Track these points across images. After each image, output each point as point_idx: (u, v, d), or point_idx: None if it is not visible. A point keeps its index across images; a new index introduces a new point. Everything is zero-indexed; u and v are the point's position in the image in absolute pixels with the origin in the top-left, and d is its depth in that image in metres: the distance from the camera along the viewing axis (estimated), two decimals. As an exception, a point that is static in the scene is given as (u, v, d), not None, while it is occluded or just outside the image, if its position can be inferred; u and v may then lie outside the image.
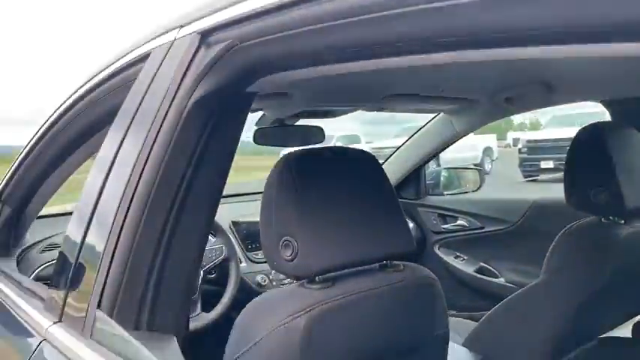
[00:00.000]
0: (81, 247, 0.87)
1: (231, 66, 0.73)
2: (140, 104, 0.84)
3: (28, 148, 1.34)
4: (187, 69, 0.76)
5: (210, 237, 1.61)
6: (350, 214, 0.87)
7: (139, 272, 0.78)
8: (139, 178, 0.78)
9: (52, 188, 1.46)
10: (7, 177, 1.45)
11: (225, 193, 0.91)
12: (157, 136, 0.77)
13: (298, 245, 0.81)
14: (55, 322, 0.90)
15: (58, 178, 1.41)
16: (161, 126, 0.77)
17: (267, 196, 0.85)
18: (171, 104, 0.77)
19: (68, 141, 1.25)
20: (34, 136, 1.31)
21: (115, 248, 0.78)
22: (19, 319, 1.06)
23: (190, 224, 0.81)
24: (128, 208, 0.78)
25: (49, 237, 1.69)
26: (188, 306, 1.17)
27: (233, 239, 1.87)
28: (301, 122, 1.61)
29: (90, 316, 0.81)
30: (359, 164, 0.94)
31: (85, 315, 0.82)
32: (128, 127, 0.85)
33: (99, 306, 0.79)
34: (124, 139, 0.85)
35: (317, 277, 0.83)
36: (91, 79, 1.09)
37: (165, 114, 0.77)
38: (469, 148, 19.15)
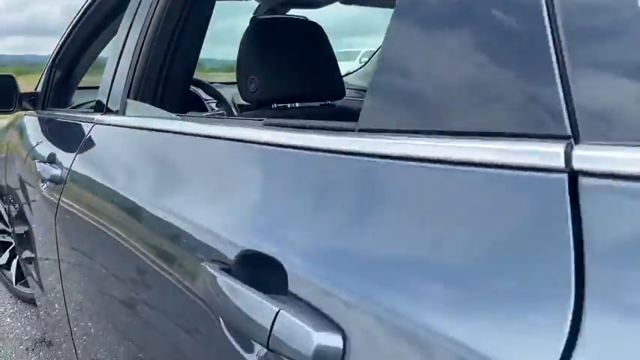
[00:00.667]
0: (117, 64, 1.27)
1: None
2: None
3: (72, 24, 1.79)
4: None
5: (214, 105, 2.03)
6: (299, 64, 1.25)
7: (154, 73, 1.21)
8: (149, 27, 1.19)
9: (89, 61, 2.00)
10: (58, 47, 1.92)
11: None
12: (156, 7, 1.17)
13: (259, 81, 1.19)
14: (101, 115, 1.30)
15: (94, 52, 1.93)
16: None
17: (240, 50, 1.23)
18: None
19: (99, 22, 1.73)
20: (76, 16, 1.76)
21: (137, 61, 1.19)
22: (75, 121, 1.50)
23: (185, 50, 1.26)
24: (144, 40, 1.19)
25: (88, 102, 2.06)
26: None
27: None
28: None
29: (123, 102, 1.20)
30: (309, 31, 1.31)
31: (120, 102, 1.20)
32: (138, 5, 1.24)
33: (128, 96, 1.19)
34: (136, 12, 1.24)
35: (273, 105, 1.21)
36: None
37: None
38: None
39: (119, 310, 1.03)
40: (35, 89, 2.06)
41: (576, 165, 0.38)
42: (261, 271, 0.60)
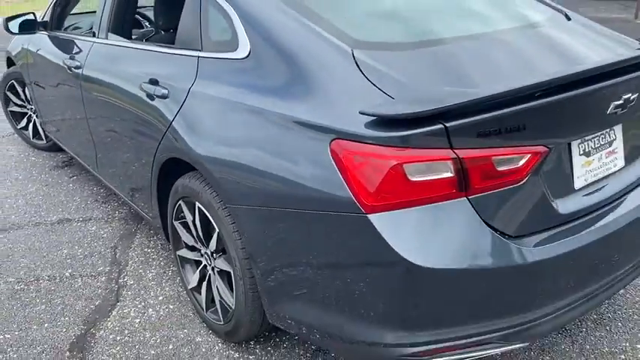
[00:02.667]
0: (102, 12, 2.86)
1: None
2: None
3: None
4: None
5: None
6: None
7: (120, 15, 2.80)
8: None
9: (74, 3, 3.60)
10: None
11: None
12: None
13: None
14: (96, 38, 2.93)
15: None
16: None
17: None
18: None
19: None
20: None
21: (112, 9, 2.79)
22: (80, 39, 3.11)
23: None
24: None
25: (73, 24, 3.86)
26: None
27: None
28: None
29: (107, 32, 2.83)
30: None
31: (105, 32, 2.83)
32: None
33: (109, 30, 2.84)
34: None
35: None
36: None
37: None
38: None
39: (104, 135, 2.74)
40: (42, 18, 3.57)
41: None
42: None
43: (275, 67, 1.70)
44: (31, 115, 4.30)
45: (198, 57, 2.02)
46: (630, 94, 1.61)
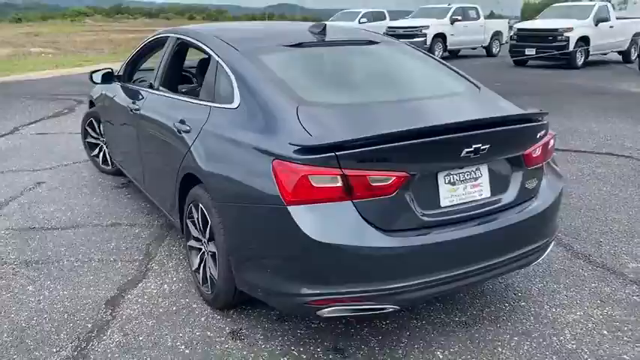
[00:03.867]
0: (157, 70, 3.95)
1: None
2: None
3: (136, 50, 4.63)
4: None
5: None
6: None
7: (169, 73, 3.91)
8: (166, 53, 3.89)
9: (139, 66, 4.86)
10: (128, 59, 4.70)
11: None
12: (169, 46, 3.86)
13: None
14: (151, 89, 3.96)
15: (141, 62, 4.83)
16: None
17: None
18: None
19: (145, 52, 4.66)
20: (140, 45, 4.62)
21: (162, 67, 3.89)
22: (140, 89, 4.20)
23: (178, 62, 4.05)
24: (164, 58, 3.89)
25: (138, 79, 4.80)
26: None
27: None
28: None
29: (158, 85, 3.94)
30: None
31: (157, 85, 3.88)
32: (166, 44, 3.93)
33: (160, 84, 3.90)
34: (165, 48, 3.93)
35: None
36: None
37: None
38: (479, 31, 21.71)
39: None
40: (118, 73, 4.72)
41: None
42: None
43: (251, 114, 2.62)
44: (102, 145, 5.45)
45: (210, 106, 2.98)
46: (480, 145, 2.40)
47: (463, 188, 2.51)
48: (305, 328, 2.85)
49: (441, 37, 20.88)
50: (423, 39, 20.44)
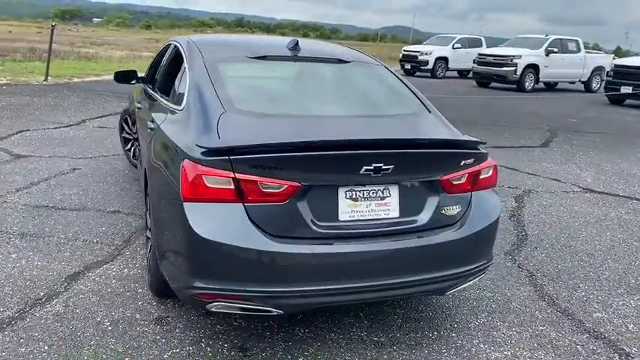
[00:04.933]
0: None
1: None
2: None
3: (154, 60, 4.80)
4: None
5: None
6: None
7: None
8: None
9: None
10: (150, 66, 4.94)
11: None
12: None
13: None
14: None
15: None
16: None
17: None
18: None
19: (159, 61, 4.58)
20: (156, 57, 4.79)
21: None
22: None
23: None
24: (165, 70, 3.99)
25: None
26: None
27: None
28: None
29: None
30: None
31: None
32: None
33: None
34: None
35: None
36: None
37: None
38: (577, 64, 20.80)
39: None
40: (144, 75, 5.14)
41: None
42: None
43: (187, 117, 2.83)
44: (134, 141, 5.92)
45: (169, 108, 3.22)
46: (382, 164, 2.43)
47: (367, 205, 2.54)
48: (225, 324, 2.98)
49: (533, 68, 20.18)
50: (512, 69, 19.93)
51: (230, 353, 2.74)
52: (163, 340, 2.81)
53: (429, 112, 3.15)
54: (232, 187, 2.36)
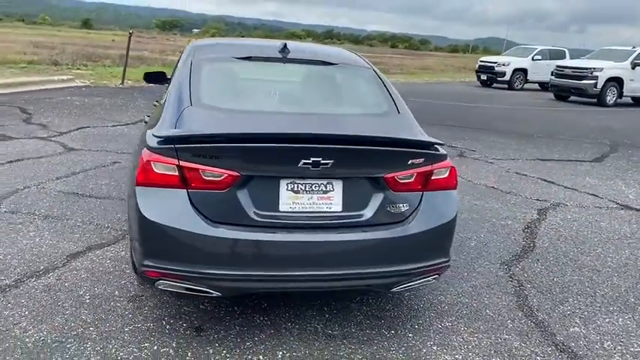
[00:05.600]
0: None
1: None
2: None
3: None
4: None
5: None
6: None
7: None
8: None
9: None
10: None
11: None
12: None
13: None
14: None
15: None
16: None
17: None
18: None
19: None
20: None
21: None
22: None
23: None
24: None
25: None
26: None
27: None
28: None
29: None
30: None
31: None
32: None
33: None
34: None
35: None
36: None
37: None
38: None
39: None
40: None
41: None
42: None
43: (162, 110, 3.05)
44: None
45: (158, 103, 3.48)
46: (321, 159, 2.52)
47: (309, 198, 2.64)
48: (192, 307, 3.17)
49: (616, 81, 19.06)
50: (592, 82, 18.96)
51: (185, 332, 2.92)
52: (130, 316, 3.04)
53: (399, 112, 3.18)
54: (177, 173, 2.55)
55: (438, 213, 2.84)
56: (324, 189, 2.65)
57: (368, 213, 2.70)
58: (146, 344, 2.78)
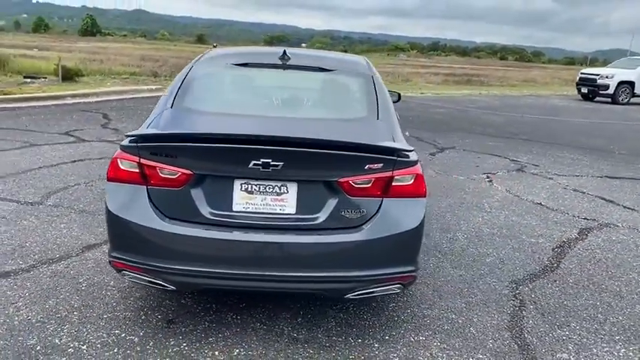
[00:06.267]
0: None
1: None
2: None
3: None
4: None
5: None
6: None
7: None
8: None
9: None
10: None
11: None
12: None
13: None
14: None
15: None
16: None
17: None
18: None
19: None
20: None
21: None
22: None
23: None
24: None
25: None
26: None
27: None
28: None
29: None
30: None
31: None
32: None
33: None
34: None
35: None
36: None
37: None
38: None
39: None
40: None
41: None
42: None
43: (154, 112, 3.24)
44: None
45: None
46: (270, 160, 2.57)
47: (262, 199, 2.68)
48: (174, 301, 3.32)
49: None
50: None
51: (157, 323, 3.06)
52: (114, 304, 3.25)
53: (378, 119, 3.13)
54: (138, 170, 2.70)
55: (398, 220, 2.76)
56: (277, 191, 2.69)
57: (322, 216, 2.69)
58: (116, 331, 2.96)
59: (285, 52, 3.62)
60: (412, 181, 2.78)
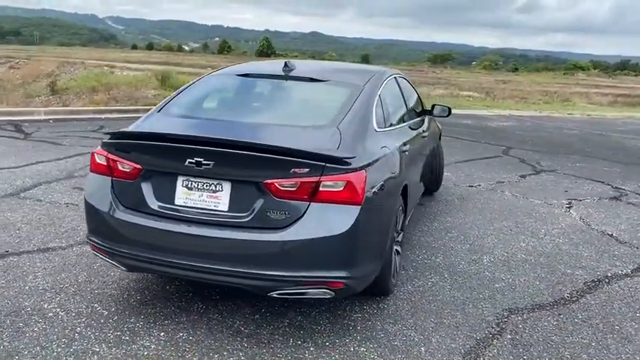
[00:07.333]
0: None
1: None
2: None
3: None
4: None
5: None
6: None
7: None
8: None
9: None
10: None
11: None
12: None
13: None
14: None
15: None
16: None
17: None
18: None
19: None
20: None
21: None
22: None
23: None
24: None
25: None
26: None
27: None
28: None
29: None
30: None
31: None
32: None
33: None
34: None
35: None
36: None
37: None
38: None
39: None
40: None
41: None
42: None
43: None
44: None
45: None
46: (202, 159, 2.81)
47: (199, 195, 2.92)
48: (156, 285, 3.68)
49: None
50: None
51: (132, 303, 3.44)
52: (110, 282, 3.71)
53: (337, 127, 3.17)
54: (105, 163, 3.12)
55: (323, 225, 2.80)
56: (213, 188, 2.91)
57: (250, 215, 2.85)
58: (95, 304, 3.40)
59: (286, 63, 3.83)
60: (343, 187, 2.81)
